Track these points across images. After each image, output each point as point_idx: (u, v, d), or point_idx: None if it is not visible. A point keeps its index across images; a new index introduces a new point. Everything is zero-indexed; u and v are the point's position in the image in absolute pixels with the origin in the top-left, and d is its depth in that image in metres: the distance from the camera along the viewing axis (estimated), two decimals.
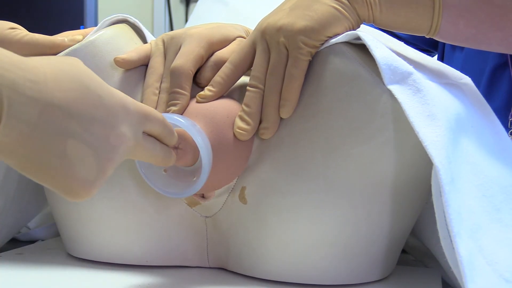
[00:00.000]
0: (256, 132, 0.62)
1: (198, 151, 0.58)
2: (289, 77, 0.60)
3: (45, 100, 0.42)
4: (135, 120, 0.51)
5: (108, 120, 0.47)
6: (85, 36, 0.68)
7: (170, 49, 0.66)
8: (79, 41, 0.67)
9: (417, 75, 0.58)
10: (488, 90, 0.98)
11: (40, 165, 0.43)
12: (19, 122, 0.41)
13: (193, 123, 0.58)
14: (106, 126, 0.47)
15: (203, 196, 0.64)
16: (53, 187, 0.45)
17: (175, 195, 0.59)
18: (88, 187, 0.46)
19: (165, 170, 0.60)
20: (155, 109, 0.63)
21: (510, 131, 0.94)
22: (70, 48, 0.66)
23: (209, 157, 0.58)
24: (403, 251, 0.75)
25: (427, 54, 0.73)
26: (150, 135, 0.54)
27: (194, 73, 0.64)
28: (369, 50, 0.58)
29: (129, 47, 0.68)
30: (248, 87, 0.62)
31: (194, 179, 0.59)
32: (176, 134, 0.56)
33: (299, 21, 0.60)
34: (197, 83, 0.65)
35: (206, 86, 0.64)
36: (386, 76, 0.57)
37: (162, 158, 0.55)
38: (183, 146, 0.58)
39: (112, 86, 0.61)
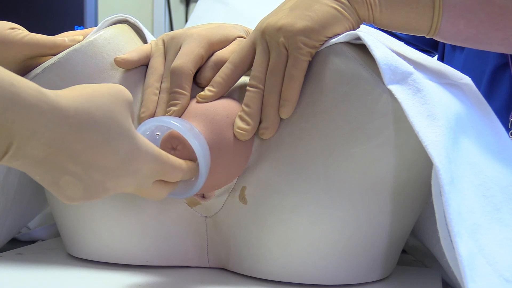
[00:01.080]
0: (256, 132, 0.62)
1: (193, 150, 0.58)
2: (289, 77, 0.60)
3: (57, 146, 0.45)
4: (146, 176, 0.53)
5: (114, 172, 0.49)
6: (86, 36, 0.68)
7: (170, 49, 0.66)
8: (79, 41, 0.67)
9: (417, 75, 0.58)
10: (489, 91, 0.98)
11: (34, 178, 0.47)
12: (24, 158, 0.44)
13: (190, 127, 0.58)
14: (108, 175, 0.49)
15: (203, 196, 0.64)
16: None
17: (173, 196, 0.59)
18: (72, 202, 0.49)
19: None
20: (155, 109, 0.64)
21: (511, 131, 0.94)
22: (70, 48, 0.66)
23: (206, 161, 0.58)
24: (403, 251, 0.75)
25: (427, 55, 0.73)
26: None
27: (194, 73, 0.64)
28: (369, 50, 0.58)
29: (129, 47, 0.68)
30: (248, 87, 0.62)
31: (193, 179, 0.59)
32: (180, 167, 0.57)
33: (299, 21, 0.60)
34: (197, 83, 0.65)
35: (206, 86, 0.64)
36: (386, 76, 0.57)
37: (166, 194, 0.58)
38: (180, 147, 0.58)
39: None
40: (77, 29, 1.66)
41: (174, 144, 0.58)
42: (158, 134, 0.61)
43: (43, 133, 0.44)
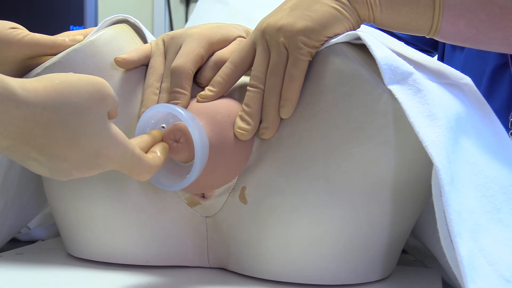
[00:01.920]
0: (256, 132, 0.62)
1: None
2: (289, 77, 0.60)
3: (21, 140, 0.44)
4: (113, 169, 0.52)
5: (79, 165, 0.48)
6: (86, 36, 0.68)
7: (170, 49, 0.66)
8: (79, 41, 0.67)
9: (418, 75, 0.58)
10: (489, 91, 0.98)
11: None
12: None
13: (193, 117, 0.58)
14: (73, 166, 0.48)
15: (203, 196, 0.64)
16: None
17: (166, 187, 0.59)
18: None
19: None
20: None
21: (511, 131, 0.94)
22: (70, 48, 0.66)
23: (203, 152, 0.57)
24: (403, 251, 0.75)
25: (427, 55, 0.73)
26: None
27: (194, 73, 0.64)
28: (370, 50, 0.58)
29: (130, 47, 0.68)
30: (248, 87, 0.62)
31: (188, 176, 0.59)
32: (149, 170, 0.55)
33: (299, 21, 0.60)
34: (198, 83, 0.65)
35: (207, 86, 0.64)
36: (386, 76, 0.57)
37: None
38: (182, 140, 0.58)
39: (112, 86, 0.62)
40: (72, 29, 1.67)
41: (177, 136, 0.58)
42: (163, 126, 0.60)
43: (6, 128, 0.43)
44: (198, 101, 0.62)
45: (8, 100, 0.42)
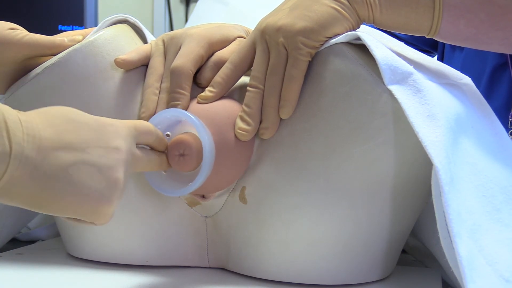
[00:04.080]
0: (256, 132, 0.62)
1: (201, 157, 0.58)
2: (289, 77, 0.60)
3: (38, 136, 0.45)
4: (126, 134, 0.53)
5: (101, 140, 0.50)
6: (85, 36, 0.68)
7: (170, 49, 0.66)
8: (79, 41, 0.67)
9: (417, 75, 0.58)
10: (488, 90, 0.98)
11: (54, 197, 0.47)
12: (20, 164, 0.44)
13: (203, 124, 0.58)
14: (100, 145, 0.50)
15: (203, 196, 0.64)
16: (74, 214, 0.49)
17: (169, 193, 0.59)
18: (106, 203, 0.49)
19: (164, 171, 0.60)
20: (155, 109, 0.63)
21: (510, 131, 0.94)
22: (70, 48, 0.66)
23: (210, 161, 0.57)
24: (403, 251, 0.75)
25: (427, 55, 0.73)
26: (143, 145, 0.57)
27: (194, 73, 0.64)
28: (369, 50, 0.58)
29: (130, 47, 0.67)
30: (248, 87, 0.62)
31: (192, 183, 0.59)
32: (165, 139, 0.59)
33: (299, 21, 0.60)
34: (197, 83, 0.65)
35: (206, 86, 0.64)
36: (386, 76, 0.57)
37: (158, 165, 0.58)
38: (188, 152, 0.58)
39: (112, 87, 0.62)
40: (60, 29, 1.67)
41: (181, 149, 0.58)
42: (168, 134, 0.60)
43: (23, 138, 0.45)
44: (198, 102, 0.62)
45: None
